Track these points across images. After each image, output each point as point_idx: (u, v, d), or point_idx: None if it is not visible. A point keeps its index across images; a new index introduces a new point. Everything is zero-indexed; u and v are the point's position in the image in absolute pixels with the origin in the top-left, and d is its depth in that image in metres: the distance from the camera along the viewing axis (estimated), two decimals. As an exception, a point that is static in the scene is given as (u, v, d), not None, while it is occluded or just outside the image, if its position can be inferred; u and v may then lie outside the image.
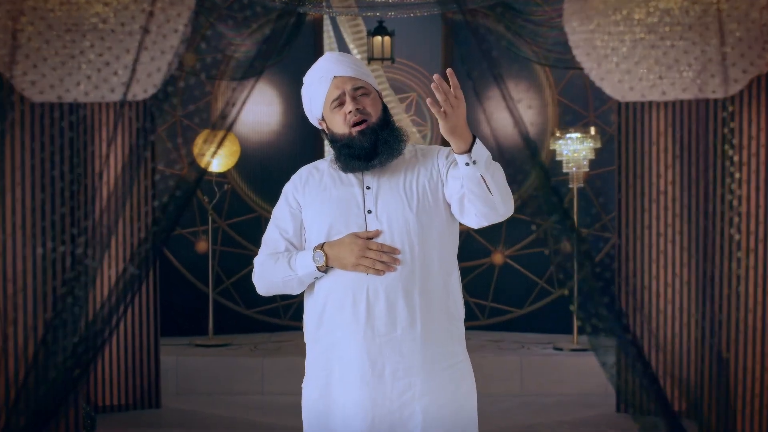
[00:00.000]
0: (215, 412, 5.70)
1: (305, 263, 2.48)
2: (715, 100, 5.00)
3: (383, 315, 2.42)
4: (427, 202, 2.49)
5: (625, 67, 4.95)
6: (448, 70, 2.25)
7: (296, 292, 2.57)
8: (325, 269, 2.47)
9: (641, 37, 4.97)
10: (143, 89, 4.43)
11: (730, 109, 4.93)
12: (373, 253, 2.41)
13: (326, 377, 2.50)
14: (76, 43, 4.64)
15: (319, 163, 2.66)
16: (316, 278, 2.50)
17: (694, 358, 5.15)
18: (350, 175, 2.54)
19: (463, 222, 2.50)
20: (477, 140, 2.30)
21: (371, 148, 2.48)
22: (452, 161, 2.48)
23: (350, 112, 2.49)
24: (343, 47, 7.59)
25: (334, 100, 2.53)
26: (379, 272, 2.41)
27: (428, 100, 2.26)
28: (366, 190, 2.51)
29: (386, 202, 2.48)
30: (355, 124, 2.49)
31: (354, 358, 2.44)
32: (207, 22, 5.55)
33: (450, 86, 2.25)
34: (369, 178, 2.52)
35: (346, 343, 2.45)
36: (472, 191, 2.35)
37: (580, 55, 5.16)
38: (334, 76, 2.53)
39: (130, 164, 4.94)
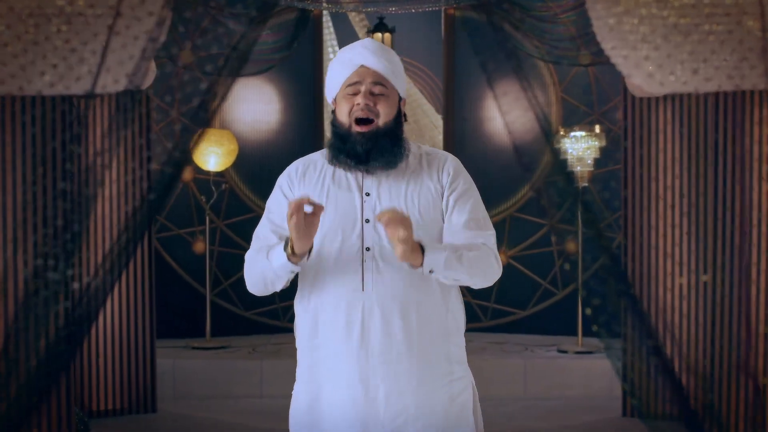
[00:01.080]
0: (213, 416, 5.60)
1: (279, 254, 2.34)
2: (751, 92, 4.70)
3: (378, 336, 2.31)
4: (428, 215, 2.38)
5: (656, 57, 4.65)
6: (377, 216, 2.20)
7: (277, 287, 2.42)
8: (299, 260, 2.32)
9: (675, 22, 4.66)
10: (114, 79, 4.10)
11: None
12: (293, 208, 2.23)
13: (316, 391, 2.40)
14: (41, 27, 4.32)
15: (315, 156, 2.51)
16: (293, 272, 2.35)
17: (710, 370, 5.01)
18: (350, 178, 2.41)
19: None
20: (426, 253, 2.24)
21: (364, 153, 2.36)
22: (454, 203, 2.41)
23: (357, 104, 2.37)
24: (344, 43, 7.48)
25: (349, 86, 2.40)
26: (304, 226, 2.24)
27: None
28: (365, 197, 2.39)
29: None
30: (358, 121, 2.37)
31: (345, 378, 2.34)
32: (187, 6, 5.31)
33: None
34: (369, 183, 2.39)
35: (339, 361, 2.35)
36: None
37: (605, 42, 4.88)
38: (362, 65, 2.40)
39: (95, 164, 4.62)
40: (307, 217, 2.23)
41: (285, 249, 2.31)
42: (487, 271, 2.36)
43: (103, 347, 5.40)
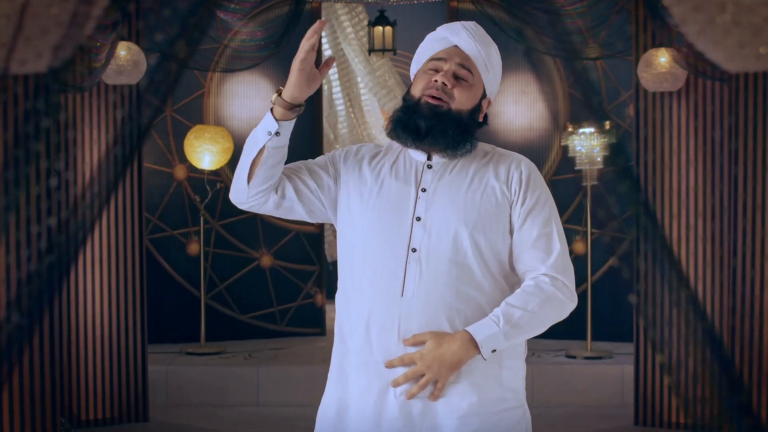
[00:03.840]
0: (207, 425, 5.44)
1: (267, 115, 2.10)
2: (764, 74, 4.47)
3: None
4: (488, 220, 2.12)
5: (748, 23, 4.31)
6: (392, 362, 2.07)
7: (246, 165, 2.14)
8: (283, 116, 2.08)
9: None
10: (36, 52, 3.60)
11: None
12: (308, 50, 2.04)
13: (340, 401, 2.18)
14: None
15: (380, 145, 2.30)
16: (269, 132, 2.08)
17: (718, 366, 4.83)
18: (409, 171, 2.18)
19: None
20: (479, 343, 2.05)
21: (425, 129, 2.13)
22: (526, 213, 2.16)
23: (435, 81, 2.15)
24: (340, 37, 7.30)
25: (432, 60, 2.18)
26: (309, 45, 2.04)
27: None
28: (420, 193, 2.15)
29: (441, 209, 2.13)
30: (431, 97, 2.15)
31: (376, 391, 2.10)
32: None
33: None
34: (428, 178, 2.16)
35: (369, 372, 2.12)
36: None
37: (676, 6, 4.60)
38: (454, 45, 2.19)
39: (16, 161, 4.08)
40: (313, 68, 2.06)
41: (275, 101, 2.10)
42: (556, 314, 2.17)
43: (92, 353, 5.24)
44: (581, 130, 6.14)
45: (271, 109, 2.09)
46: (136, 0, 5.20)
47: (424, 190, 2.15)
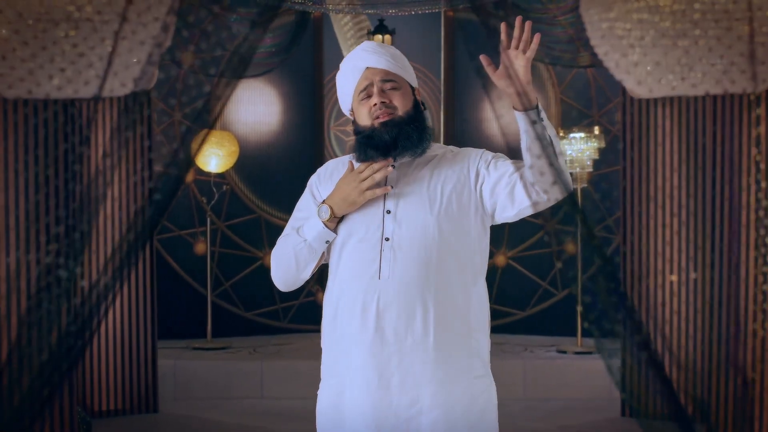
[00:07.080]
0: (213, 417, 5.61)
1: (313, 224, 2.42)
2: (741, 96, 4.71)
3: (393, 323, 2.33)
4: (451, 207, 2.39)
5: (646, 62, 4.66)
6: (528, 23, 2.28)
7: (309, 268, 2.47)
8: (335, 226, 2.42)
9: (666, 28, 4.67)
10: (121, 83, 4.18)
11: (757, 111, 4.66)
12: (368, 172, 2.37)
13: (338, 385, 2.42)
14: (49, 32, 4.37)
15: (347, 157, 2.56)
16: (328, 242, 2.42)
17: (701, 366, 5.02)
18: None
19: (511, 214, 2.39)
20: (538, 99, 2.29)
21: (391, 140, 2.40)
22: (489, 161, 2.41)
23: (375, 105, 2.41)
24: (334, 45, 7.49)
25: (361, 92, 2.44)
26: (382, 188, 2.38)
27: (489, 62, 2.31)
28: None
29: (407, 203, 2.40)
30: (379, 118, 2.41)
31: (361, 367, 2.36)
32: (191, 11, 5.32)
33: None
34: (393, 176, 2.44)
35: (356, 351, 2.37)
36: (537, 158, 2.25)
37: (598, 47, 4.89)
38: (367, 67, 2.44)
39: (103, 165, 4.60)
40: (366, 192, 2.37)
41: (319, 215, 2.40)
42: (564, 168, 2.32)
43: (105, 348, 5.41)
44: (572, 135, 6.35)
45: (324, 222, 2.41)
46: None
47: (391, 187, 2.41)
